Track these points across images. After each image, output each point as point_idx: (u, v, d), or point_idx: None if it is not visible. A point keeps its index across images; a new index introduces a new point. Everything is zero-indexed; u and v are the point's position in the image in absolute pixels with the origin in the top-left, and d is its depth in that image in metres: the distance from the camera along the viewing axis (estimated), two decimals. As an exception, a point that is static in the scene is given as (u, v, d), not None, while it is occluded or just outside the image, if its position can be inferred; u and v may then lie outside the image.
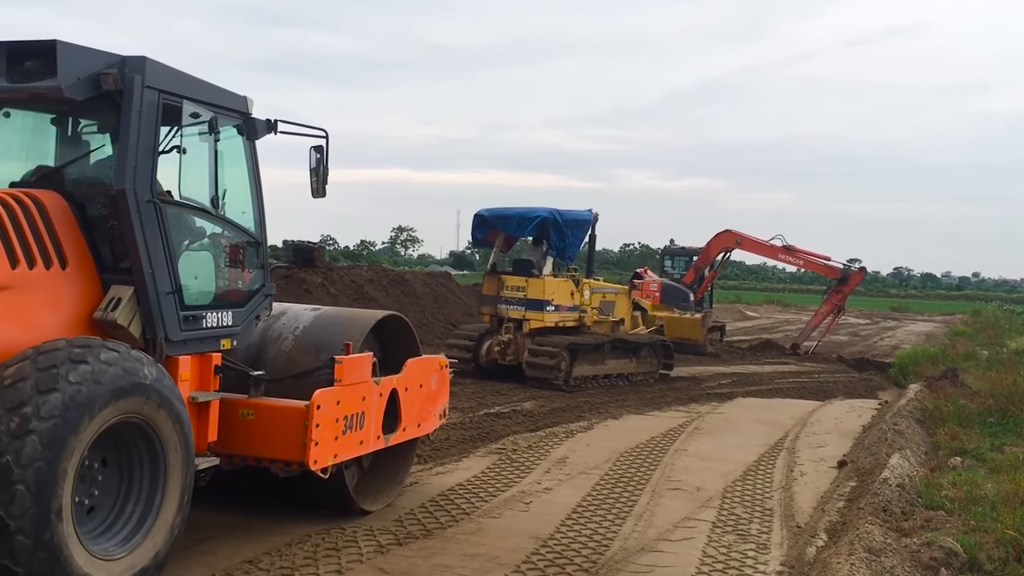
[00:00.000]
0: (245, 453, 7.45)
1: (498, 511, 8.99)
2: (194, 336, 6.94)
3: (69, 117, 7.16)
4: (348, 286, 26.84)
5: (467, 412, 14.44)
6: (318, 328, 8.29)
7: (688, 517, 9.21)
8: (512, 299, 18.34)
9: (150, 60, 6.59)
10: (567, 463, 11.35)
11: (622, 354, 19.53)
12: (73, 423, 5.34)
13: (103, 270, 6.56)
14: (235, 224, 7.51)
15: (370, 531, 8.00)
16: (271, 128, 7.79)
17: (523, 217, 18.55)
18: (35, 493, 5.15)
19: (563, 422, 14.39)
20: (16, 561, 5.12)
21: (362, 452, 8.17)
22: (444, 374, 9.52)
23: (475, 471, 10.55)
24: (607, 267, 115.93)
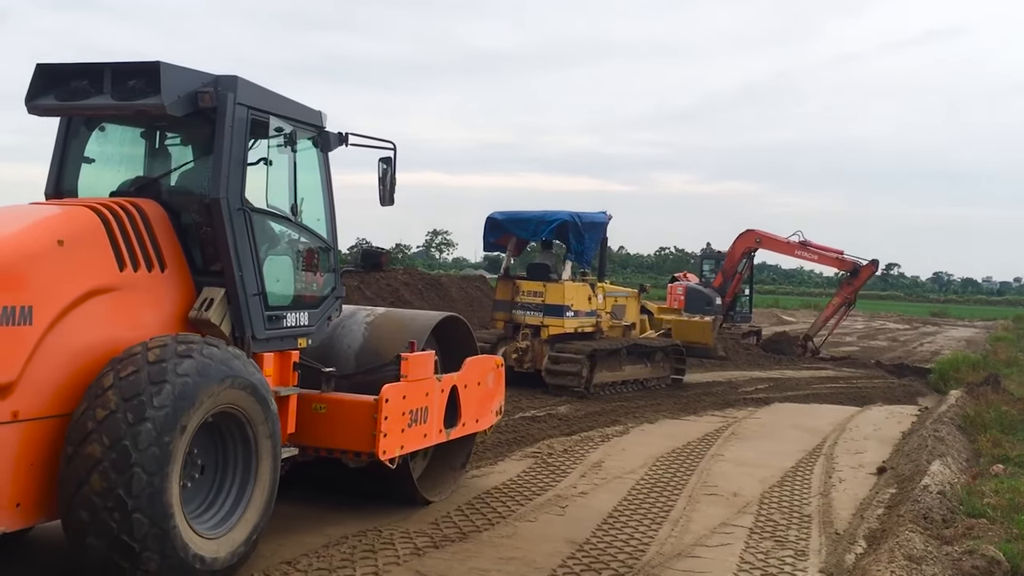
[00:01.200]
0: (318, 444, 7.98)
1: (534, 515, 9.01)
2: (276, 335, 7.46)
3: (159, 132, 7.71)
4: (384, 289, 27.17)
5: (505, 414, 14.49)
6: (384, 328, 8.84)
7: (725, 523, 9.17)
8: (529, 305, 17.89)
9: (241, 79, 7.12)
10: (603, 467, 11.35)
11: (637, 359, 19.25)
12: (182, 411, 5.89)
13: (196, 273, 7.09)
14: (311, 231, 8.00)
15: (406, 534, 8.09)
16: (343, 140, 8.31)
17: (541, 220, 18.22)
18: (150, 474, 5.70)
19: (598, 426, 14.38)
20: (133, 537, 5.66)
21: (426, 444, 8.69)
22: (500, 372, 9.99)
23: (511, 474, 10.61)
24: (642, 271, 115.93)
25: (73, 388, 6.01)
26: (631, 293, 20.51)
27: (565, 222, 17.91)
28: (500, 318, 18.31)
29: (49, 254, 5.99)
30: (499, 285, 18.60)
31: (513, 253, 19.13)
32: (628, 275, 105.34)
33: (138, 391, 5.80)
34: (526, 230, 18.47)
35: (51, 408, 5.92)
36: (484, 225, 18.72)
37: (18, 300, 5.70)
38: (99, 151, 7.65)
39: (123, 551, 5.69)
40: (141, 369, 5.90)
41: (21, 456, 5.76)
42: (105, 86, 6.90)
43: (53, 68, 7.08)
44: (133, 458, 5.66)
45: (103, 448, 5.68)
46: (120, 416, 5.72)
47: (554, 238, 18.51)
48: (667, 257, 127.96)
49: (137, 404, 5.76)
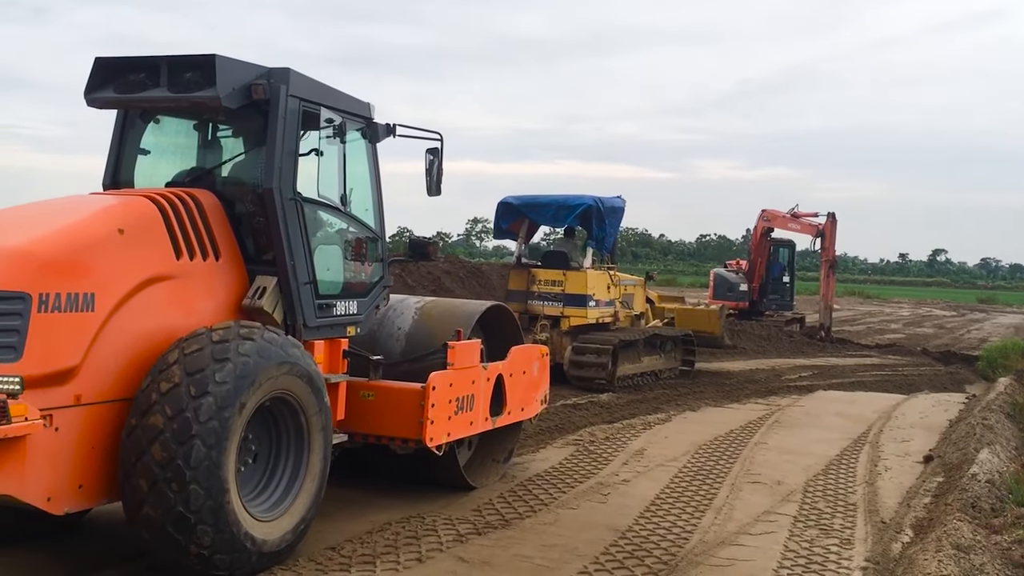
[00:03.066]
0: (366, 431, 8.12)
1: (576, 502, 9.03)
2: (326, 323, 7.62)
3: (210, 123, 7.86)
4: (425, 278, 27.28)
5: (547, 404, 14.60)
6: (431, 316, 8.98)
7: (768, 511, 9.13)
8: (547, 294, 16.95)
9: (293, 71, 7.26)
10: (645, 455, 11.33)
11: (652, 350, 18.50)
12: (242, 389, 6.07)
13: (249, 262, 7.25)
14: (360, 220, 8.14)
15: (449, 520, 8.13)
16: (391, 132, 8.42)
17: (563, 205, 17.29)
18: (209, 447, 5.87)
19: (640, 414, 14.34)
20: (189, 508, 5.84)
21: (472, 432, 8.81)
22: (545, 362, 10.09)
23: (553, 462, 10.62)
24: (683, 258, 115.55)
25: (132, 373, 6.20)
26: (638, 281, 19.65)
27: (589, 207, 17.13)
28: (515, 309, 17.08)
29: (110, 242, 6.17)
30: (512, 274, 17.70)
31: (525, 240, 18.35)
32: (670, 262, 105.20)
33: (202, 367, 5.99)
34: (544, 215, 17.76)
35: (112, 392, 6.11)
36: (496, 210, 17.85)
37: (81, 287, 5.88)
38: (154, 143, 7.82)
39: (178, 522, 5.85)
40: (205, 347, 6.09)
41: (83, 438, 5.96)
42: (162, 79, 7.06)
43: (111, 62, 7.26)
44: (194, 429, 5.84)
45: (165, 419, 5.86)
46: (183, 389, 5.91)
47: (576, 224, 17.80)
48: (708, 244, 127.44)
49: (200, 378, 5.95)
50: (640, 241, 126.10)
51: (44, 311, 5.67)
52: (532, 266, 17.56)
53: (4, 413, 5.23)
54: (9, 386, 5.28)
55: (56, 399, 5.76)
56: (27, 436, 5.43)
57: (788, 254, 33.52)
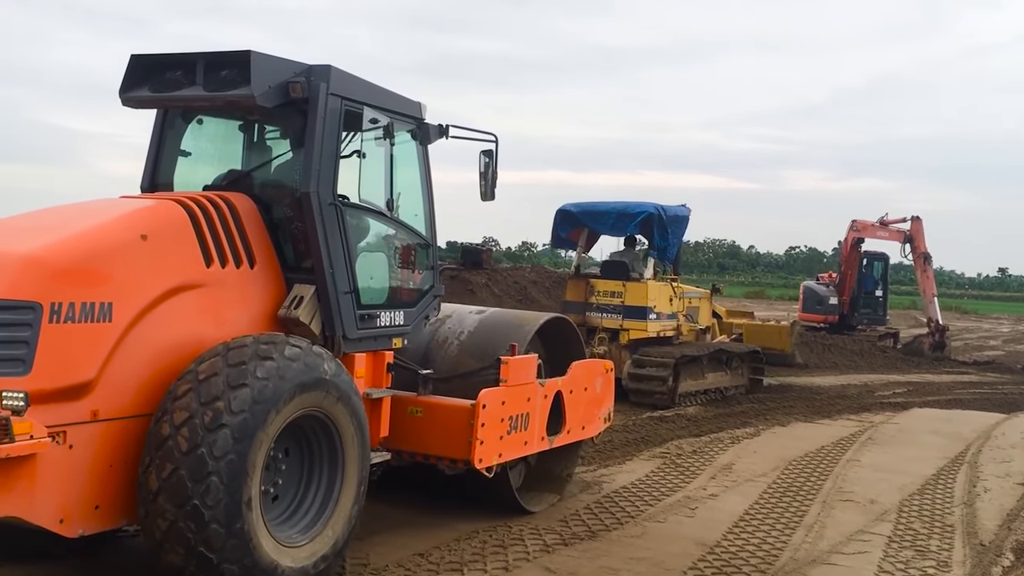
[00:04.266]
0: (413, 449, 7.69)
1: (663, 515, 8.91)
2: (369, 334, 7.18)
3: (255, 124, 7.51)
4: (512, 287, 27.21)
5: (630, 415, 14.47)
6: (485, 329, 8.50)
7: (862, 530, 8.89)
8: (606, 306, 16.25)
9: (335, 68, 6.84)
10: (733, 470, 11.15)
11: (717, 366, 17.63)
12: (261, 417, 5.63)
13: (287, 269, 6.86)
14: (407, 226, 7.72)
15: (536, 530, 8.10)
16: (443, 133, 7.98)
17: (623, 213, 16.63)
18: (227, 483, 5.44)
19: (728, 428, 14.12)
20: (210, 548, 5.42)
21: (526, 453, 8.33)
22: (609, 378, 9.55)
23: (639, 474, 10.50)
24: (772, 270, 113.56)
25: (156, 387, 5.82)
26: (703, 294, 18.79)
27: (651, 215, 16.39)
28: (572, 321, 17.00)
29: (131, 249, 5.80)
30: (570, 285, 17.10)
31: (584, 249, 17.73)
32: (758, 275, 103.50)
33: (215, 395, 5.56)
34: (603, 224, 17.04)
35: (132, 408, 5.75)
36: (554, 218, 17.22)
37: (97, 296, 5.52)
38: (195, 144, 7.50)
39: (201, 562, 5.45)
40: (220, 372, 5.66)
41: (100, 457, 5.60)
42: (198, 77, 6.72)
43: (148, 59, 6.94)
44: (210, 466, 5.42)
45: (180, 455, 5.46)
46: (197, 421, 5.50)
47: (637, 232, 17.05)
48: (798, 256, 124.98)
49: (214, 409, 5.52)
50: (728, 253, 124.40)
51: (56, 322, 5.30)
52: (590, 276, 16.95)
53: (6, 431, 4.87)
54: (13, 402, 4.92)
55: (70, 415, 5.40)
56: (36, 455, 5.08)
57: (882, 267, 32.62)
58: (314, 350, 6.17)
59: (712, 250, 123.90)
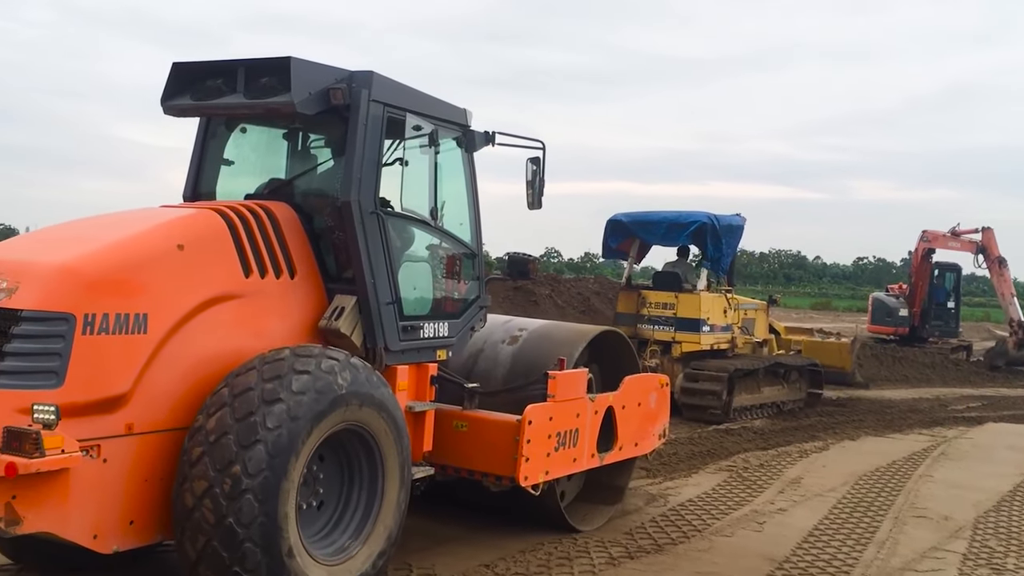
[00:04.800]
0: (458, 465, 7.50)
1: (730, 529, 8.80)
2: (412, 346, 7.02)
3: (300, 132, 7.40)
4: (575, 298, 27.35)
5: (695, 428, 14.39)
6: (533, 342, 8.28)
7: (936, 547, 8.66)
8: (657, 318, 15.98)
9: (377, 74, 6.71)
10: (801, 484, 10.96)
11: (774, 380, 17.15)
12: (297, 432, 5.47)
13: (328, 280, 6.73)
14: (452, 236, 7.55)
15: (601, 543, 8.03)
16: (489, 140, 7.82)
17: (675, 223, 16.29)
18: (262, 501, 5.29)
19: (796, 441, 13.91)
20: (245, 568, 5.28)
21: (575, 470, 8.10)
22: (664, 393, 9.26)
23: (705, 488, 10.40)
24: (839, 281, 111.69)
25: (192, 401, 5.70)
26: (760, 305, 18.09)
27: (703, 225, 15.99)
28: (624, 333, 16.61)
29: (167, 259, 5.69)
30: (621, 296, 16.78)
31: (636, 260, 17.43)
32: (824, 285, 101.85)
33: (250, 410, 5.42)
34: (655, 234, 16.71)
35: (168, 421, 5.63)
36: (604, 228, 16.86)
37: (132, 307, 5.41)
38: (238, 153, 7.41)
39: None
40: (255, 386, 5.52)
41: (135, 471, 5.48)
42: (238, 84, 6.62)
43: (189, 67, 6.86)
44: (244, 484, 5.28)
45: (214, 472, 5.33)
46: (232, 438, 5.36)
47: (690, 243, 16.68)
48: (866, 267, 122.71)
49: (249, 425, 5.38)
50: (794, 263, 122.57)
51: (90, 333, 5.20)
52: (642, 287, 16.65)
53: (37, 445, 4.76)
54: (44, 416, 4.81)
55: (104, 428, 5.28)
56: (69, 469, 4.97)
57: (954, 279, 31.94)
58: (352, 362, 6.01)
59: (777, 260, 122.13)
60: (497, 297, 24.98)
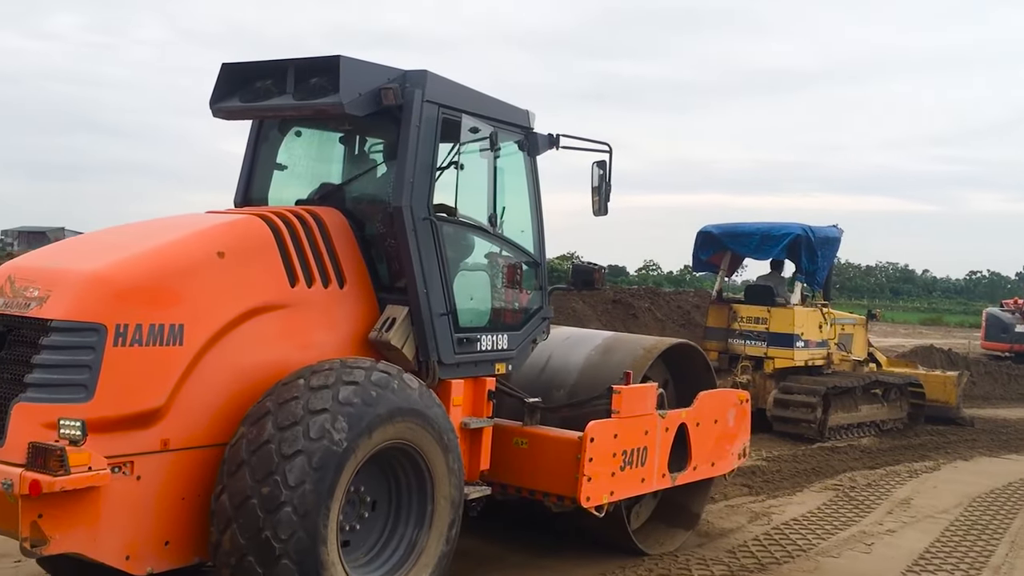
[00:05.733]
0: (519, 484, 7.15)
1: (837, 550, 8.58)
2: (468, 359, 6.69)
3: (356, 135, 7.15)
4: (675, 312, 26.95)
5: (799, 445, 14.12)
6: (600, 355, 7.88)
7: None
8: (749, 333, 15.54)
9: (431, 74, 6.42)
10: (911, 505, 10.65)
11: (872, 398, 16.35)
12: (340, 446, 5.19)
13: (380, 289, 6.45)
14: (513, 243, 7.21)
15: (703, 561, 7.92)
16: (553, 143, 7.47)
17: (768, 235, 15.74)
18: (301, 516, 5.03)
19: (905, 460, 13.55)
20: None
21: (643, 491, 7.64)
22: (744, 409, 8.71)
23: (810, 506, 10.21)
24: (950, 295, 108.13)
25: (233, 416, 5.45)
26: (858, 321, 17.53)
27: (797, 236, 15.49)
28: (713, 348, 15.80)
29: (206, 267, 5.45)
30: (711, 310, 16.41)
31: (727, 273, 16.99)
32: (934, 300, 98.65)
33: (295, 420, 5.17)
34: (747, 246, 16.14)
35: (206, 437, 5.38)
36: (695, 240, 16.46)
37: (167, 318, 5.17)
38: (292, 157, 7.17)
39: None
40: (301, 395, 5.27)
41: (171, 489, 5.25)
42: (288, 85, 6.37)
43: (238, 68, 6.62)
44: (283, 496, 5.01)
45: (253, 483, 5.07)
46: (273, 447, 5.10)
47: (784, 256, 16.09)
48: (979, 281, 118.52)
49: (292, 435, 5.12)
50: (901, 277, 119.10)
51: (122, 345, 4.98)
52: (734, 301, 16.22)
53: (62, 463, 4.55)
54: (70, 431, 4.60)
55: (138, 444, 5.06)
56: (99, 487, 4.75)
57: None
58: (404, 377, 5.72)
59: (884, 274, 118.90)
60: (596, 310, 24.68)
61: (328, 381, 5.33)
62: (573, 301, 24.54)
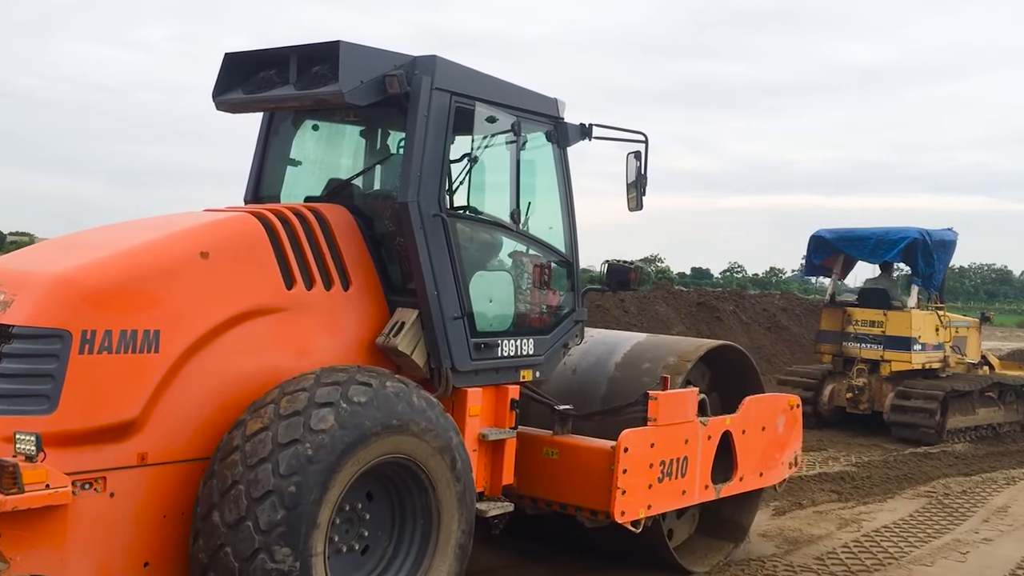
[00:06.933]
0: (549, 497, 6.69)
1: (930, 559, 8.35)
2: (486, 366, 6.23)
3: (378, 129, 6.75)
4: (760, 315, 26.44)
5: (890, 451, 13.89)
6: (636, 359, 7.40)
7: None
8: (865, 336, 15.59)
9: (441, 59, 5.99)
10: (1009, 513, 10.35)
11: (989, 401, 16.25)
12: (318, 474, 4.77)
13: (391, 292, 6.03)
14: (539, 241, 6.75)
15: (790, 567, 7.79)
16: (585, 134, 6.99)
17: (883, 239, 15.81)
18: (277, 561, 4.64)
19: (1002, 467, 13.18)
20: None
21: (684, 504, 7.12)
22: (795, 415, 8.13)
23: (902, 513, 10.00)
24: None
25: (221, 426, 5.07)
26: (972, 323, 17.36)
27: (915, 240, 15.48)
28: (827, 351, 16.14)
29: (186, 269, 5.07)
30: (824, 313, 16.45)
31: (840, 276, 17.01)
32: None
33: (263, 456, 4.75)
34: (862, 250, 16.24)
35: (190, 451, 5.01)
36: (808, 245, 16.58)
37: (140, 323, 4.81)
38: (305, 152, 6.79)
39: None
40: (271, 424, 4.84)
41: (150, 506, 4.88)
42: (291, 74, 5.97)
43: (242, 57, 6.25)
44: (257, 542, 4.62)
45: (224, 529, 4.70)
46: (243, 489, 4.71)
47: (900, 259, 16.19)
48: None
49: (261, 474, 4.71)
50: (998, 279, 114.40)
51: (88, 352, 4.63)
52: (848, 305, 16.16)
53: (15, 480, 4.20)
54: (25, 446, 4.27)
55: (110, 459, 4.70)
56: (66, 505, 4.41)
57: None
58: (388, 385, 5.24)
59: (979, 276, 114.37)
60: (679, 313, 24.15)
61: (299, 406, 4.89)
62: (656, 304, 24.10)
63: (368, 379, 5.13)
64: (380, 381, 5.18)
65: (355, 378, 5.10)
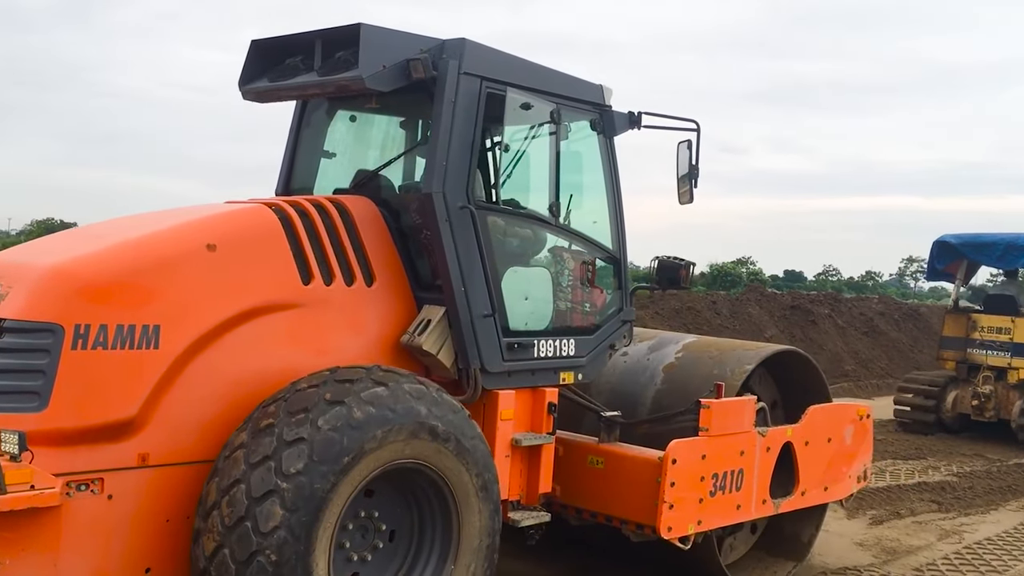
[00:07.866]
0: (594, 508, 6.31)
1: None
2: (521, 367, 5.87)
3: (409, 118, 6.46)
4: (857, 319, 25.72)
5: (994, 462, 13.49)
6: (690, 363, 6.96)
7: None
8: (991, 343, 15.34)
9: (470, 42, 5.66)
10: None
11: None
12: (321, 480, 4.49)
13: (419, 288, 5.73)
14: (582, 236, 6.37)
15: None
16: (634, 123, 6.60)
17: (1013, 244, 15.49)
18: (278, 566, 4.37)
19: None
20: None
21: (739, 519, 6.65)
22: (864, 426, 7.57)
23: (1006, 526, 9.75)
24: None
25: (230, 427, 4.83)
26: None
27: None
28: (950, 357, 15.92)
29: (190, 261, 4.84)
30: (948, 319, 16.19)
31: (963, 282, 16.75)
32: None
33: (267, 454, 4.49)
34: (989, 256, 15.94)
35: (196, 452, 4.78)
36: (931, 250, 16.43)
37: (138, 318, 4.60)
38: (339, 143, 6.52)
39: None
40: (278, 422, 4.58)
41: (152, 509, 4.67)
42: (316, 60, 5.72)
43: (268, 44, 6.02)
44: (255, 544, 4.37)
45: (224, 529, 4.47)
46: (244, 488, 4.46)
47: None
48: None
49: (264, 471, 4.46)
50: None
51: (81, 347, 4.43)
52: (972, 311, 16.06)
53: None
54: (8, 446, 4.09)
55: (108, 459, 4.50)
56: (59, 507, 4.21)
57: None
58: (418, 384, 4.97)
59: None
60: (772, 316, 23.50)
61: (309, 403, 4.63)
62: (749, 306, 23.51)
63: (384, 379, 4.84)
64: (397, 381, 4.88)
65: (370, 377, 4.81)
